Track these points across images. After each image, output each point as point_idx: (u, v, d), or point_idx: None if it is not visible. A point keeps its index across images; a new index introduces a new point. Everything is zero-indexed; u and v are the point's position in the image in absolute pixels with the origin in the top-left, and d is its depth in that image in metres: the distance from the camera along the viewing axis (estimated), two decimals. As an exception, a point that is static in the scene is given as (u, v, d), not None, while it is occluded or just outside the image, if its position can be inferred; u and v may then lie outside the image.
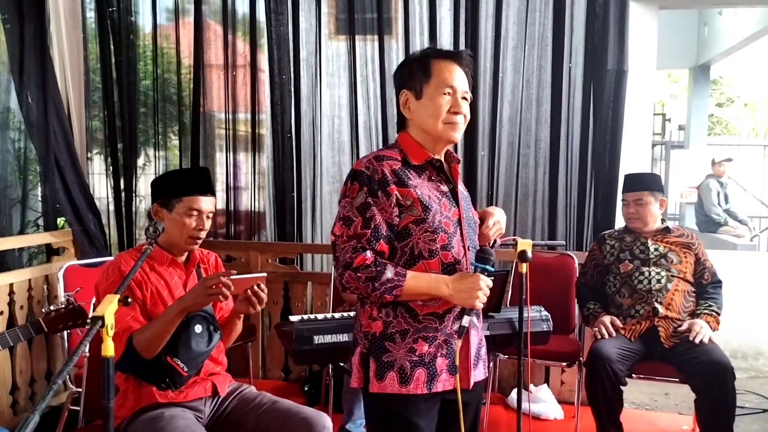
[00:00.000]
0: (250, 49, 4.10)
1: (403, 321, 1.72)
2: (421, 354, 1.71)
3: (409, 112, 1.78)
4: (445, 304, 1.73)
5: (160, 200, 2.19)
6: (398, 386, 1.70)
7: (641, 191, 3.15)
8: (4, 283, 3.35)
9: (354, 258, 1.65)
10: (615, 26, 3.60)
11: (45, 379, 3.59)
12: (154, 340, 1.99)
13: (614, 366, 2.83)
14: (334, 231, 1.72)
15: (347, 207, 1.70)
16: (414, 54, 1.83)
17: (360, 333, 1.78)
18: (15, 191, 3.78)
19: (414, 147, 1.77)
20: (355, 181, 1.70)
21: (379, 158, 1.72)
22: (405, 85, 1.78)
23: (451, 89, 1.73)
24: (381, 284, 1.64)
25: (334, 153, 4.22)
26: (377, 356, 1.73)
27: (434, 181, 1.78)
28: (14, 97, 3.71)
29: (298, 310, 3.92)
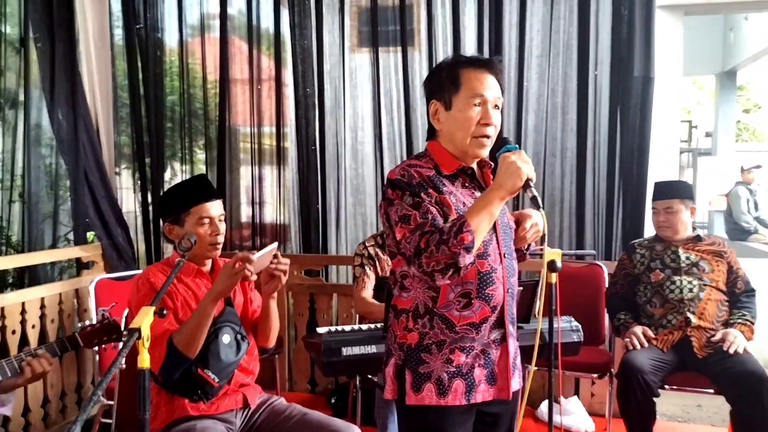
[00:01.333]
0: (274, 63, 4.14)
1: (440, 332, 1.69)
2: (458, 365, 1.69)
3: (438, 123, 1.77)
4: (482, 314, 1.69)
5: (170, 218, 2.21)
6: (436, 398, 1.68)
7: (672, 199, 3.11)
8: (35, 297, 3.41)
9: (420, 241, 1.60)
10: (641, 33, 3.56)
11: (75, 392, 3.63)
12: (194, 334, 2.00)
13: (647, 377, 2.78)
14: (396, 236, 1.67)
15: (399, 208, 1.67)
16: (443, 62, 1.80)
17: (394, 344, 1.75)
18: (46, 206, 3.83)
19: (444, 156, 1.76)
20: (396, 189, 1.69)
21: (410, 166, 1.72)
22: (434, 95, 1.76)
23: (481, 99, 1.70)
24: (448, 233, 1.57)
25: (358, 165, 4.23)
26: (413, 368, 1.70)
27: (468, 188, 1.77)
28: (45, 114, 3.78)
29: (323, 321, 3.92)
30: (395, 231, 1.67)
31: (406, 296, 1.73)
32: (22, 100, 3.70)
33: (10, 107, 3.84)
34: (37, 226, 3.71)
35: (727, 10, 6.41)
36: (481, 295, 1.69)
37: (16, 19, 3.78)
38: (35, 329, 3.38)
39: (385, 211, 1.72)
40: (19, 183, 3.78)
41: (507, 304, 1.75)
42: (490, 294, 1.70)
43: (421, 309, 1.71)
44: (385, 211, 1.72)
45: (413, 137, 3.97)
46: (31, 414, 3.32)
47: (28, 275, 3.67)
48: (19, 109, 3.73)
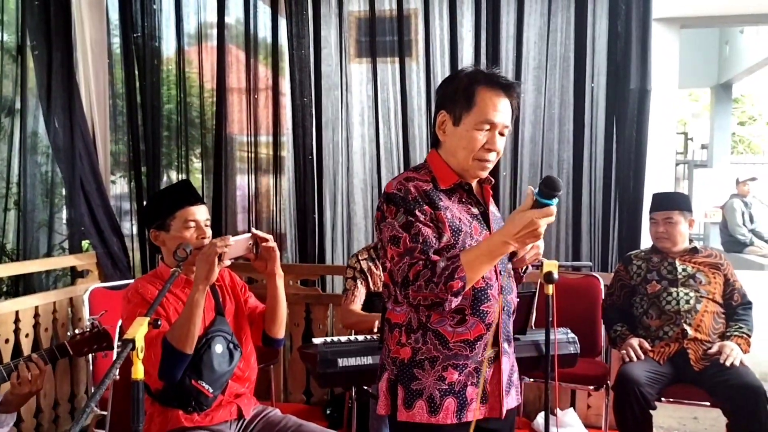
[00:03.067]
0: (271, 72, 4.14)
1: (433, 348, 1.67)
2: (450, 382, 1.67)
3: (443, 134, 1.73)
4: (476, 331, 1.67)
5: (155, 224, 2.19)
6: (427, 415, 1.66)
7: (671, 210, 3.11)
8: (29, 306, 3.39)
9: (409, 271, 1.58)
10: (637, 45, 3.58)
11: (69, 402, 3.60)
12: (187, 328, 1.98)
13: (643, 389, 2.78)
14: (388, 256, 1.65)
15: (390, 228, 1.65)
16: (462, 73, 1.74)
17: (388, 358, 1.73)
18: (41, 214, 3.82)
19: (443, 169, 1.73)
20: (390, 204, 1.66)
21: (408, 179, 1.70)
22: (445, 106, 1.72)
23: (490, 125, 1.67)
24: (439, 276, 1.55)
25: (355, 175, 4.22)
26: (405, 383, 1.68)
27: (465, 203, 1.74)
28: (41, 122, 3.77)
29: (319, 332, 3.90)
30: (387, 249, 1.66)
31: (400, 310, 1.71)
32: (19, 107, 3.69)
33: (6, 115, 3.83)
34: (32, 235, 3.70)
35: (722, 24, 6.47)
36: (476, 311, 1.67)
37: (14, 27, 3.78)
38: (29, 338, 3.35)
39: (378, 224, 1.71)
40: (14, 191, 3.76)
41: (502, 322, 1.73)
42: (485, 311, 1.68)
43: (414, 323, 1.69)
44: (378, 224, 1.71)
45: (410, 148, 3.97)
46: (24, 424, 3.29)
47: (23, 283, 3.64)
48: (15, 117, 3.72)
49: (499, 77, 1.70)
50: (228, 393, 2.18)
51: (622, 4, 3.61)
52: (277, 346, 2.37)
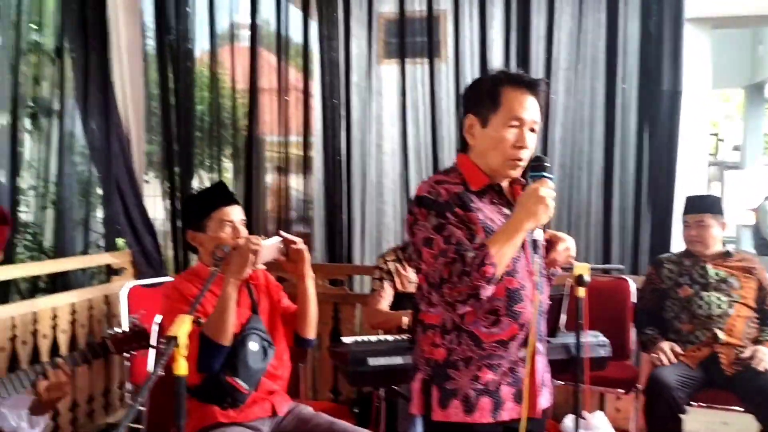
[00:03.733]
0: (302, 74, 4.19)
1: (467, 348, 1.68)
2: (485, 382, 1.68)
3: (472, 138, 1.74)
4: (510, 331, 1.68)
5: (192, 225, 2.24)
6: (463, 415, 1.67)
7: (703, 213, 3.08)
8: (66, 303, 3.47)
9: (443, 270, 1.59)
10: (669, 46, 3.55)
11: (103, 396, 3.68)
12: (222, 320, 2.04)
13: (674, 393, 2.76)
14: (423, 258, 1.66)
15: (423, 230, 1.66)
16: (486, 76, 1.76)
17: (421, 359, 1.74)
18: (77, 213, 3.90)
19: (473, 171, 1.74)
20: (421, 207, 1.67)
21: (439, 182, 1.71)
22: (472, 110, 1.73)
23: (519, 121, 1.67)
24: (470, 265, 1.56)
25: (384, 176, 4.25)
26: (440, 383, 1.69)
27: (496, 204, 1.75)
28: (78, 123, 3.86)
29: (347, 331, 3.93)
30: (422, 252, 1.66)
31: (434, 311, 1.72)
32: (57, 108, 3.78)
33: (45, 116, 3.92)
34: (68, 232, 3.78)
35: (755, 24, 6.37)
36: (510, 312, 1.68)
37: (52, 30, 3.87)
38: (66, 334, 3.44)
39: (410, 227, 1.71)
40: (52, 190, 3.86)
41: (535, 322, 1.73)
42: (519, 311, 1.69)
43: (448, 325, 1.69)
44: (410, 227, 1.71)
45: (439, 149, 3.98)
46: (61, 417, 3.37)
47: (60, 280, 3.73)
48: (53, 118, 3.82)
49: (522, 75, 1.71)
50: (261, 390, 2.22)
51: (653, 5, 3.58)
52: (308, 346, 2.42)
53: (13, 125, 3.47)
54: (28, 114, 3.91)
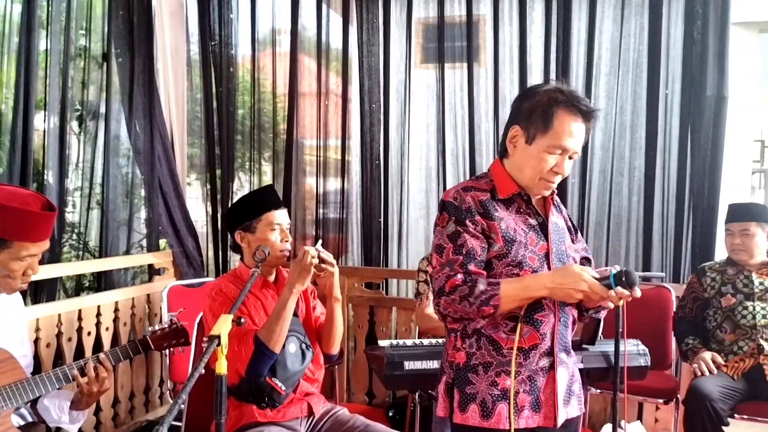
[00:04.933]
0: (341, 79, 4.22)
1: (487, 353, 1.69)
2: (503, 389, 1.68)
3: (513, 149, 1.74)
4: (530, 340, 1.68)
5: (241, 226, 2.28)
6: (479, 419, 1.68)
7: (748, 221, 3.02)
8: (110, 301, 3.56)
9: (446, 283, 1.64)
10: (714, 50, 3.47)
11: (143, 393, 3.76)
12: (277, 329, 2.08)
13: (716, 405, 2.71)
14: (433, 263, 1.72)
15: (438, 236, 1.71)
16: (542, 89, 1.72)
17: (446, 362, 1.78)
18: (122, 214, 4.00)
19: (504, 178, 1.75)
20: (443, 212, 1.72)
21: (466, 188, 1.73)
22: (520, 121, 1.72)
23: (563, 150, 1.67)
24: (476, 297, 1.61)
25: (421, 180, 4.26)
26: (461, 387, 1.72)
27: (522, 213, 1.75)
28: (123, 126, 3.95)
29: (382, 334, 3.95)
30: (432, 257, 1.73)
31: None
32: (103, 112, 3.88)
33: (91, 119, 4.03)
34: (112, 233, 3.88)
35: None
36: (529, 319, 1.68)
37: (99, 36, 3.98)
38: (109, 332, 3.52)
39: (434, 230, 1.76)
40: (97, 191, 3.96)
41: (558, 332, 1.72)
42: (539, 320, 1.69)
43: (469, 329, 1.71)
44: (434, 230, 1.76)
45: (476, 154, 3.97)
46: (102, 413, 3.46)
47: (103, 280, 3.83)
48: (99, 121, 3.91)
49: (581, 101, 1.68)
50: (299, 391, 2.25)
51: (698, 9, 3.51)
52: (329, 362, 2.45)
53: (61, 128, 3.57)
54: (76, 117, 4.02)
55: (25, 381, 1.99)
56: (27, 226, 1.94)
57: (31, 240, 1.97)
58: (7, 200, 1.92)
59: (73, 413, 2.12)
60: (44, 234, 2.01)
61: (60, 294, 3.72)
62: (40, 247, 2.02)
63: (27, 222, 1.94)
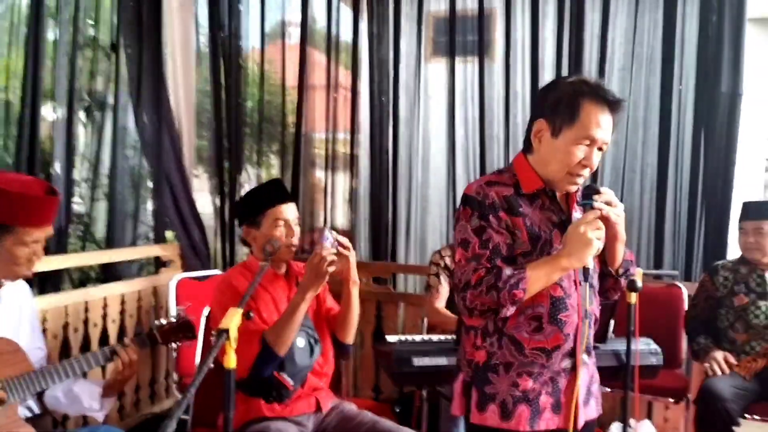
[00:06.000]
0: (351, 72, 4.19)
1: (508, 353, 1.66)
2: (524, 390, 1.65)
3: (538, 143, 1.69)
4: (555, 340, 1.65)
5: (247, 221, 2.26)
6: (499, 420, 1.65)
7: (762, 220, 2.97)
8: (116, 293, 3.55)
9: (472, 276, 1.59)
10: (729, 47, 3.42)
11: (149, 386, 3.75)
12: (286, 332, 2.06)
13: (728, 405, 2.67)
14: (456, 258, 1.68)
15: (462, 231, 1.66)
16: (566, 81, 1.69)
17: (464, 360, 1.74)
18: (129, 205, 3.98)
19: (528, 173, 1.70)
20: (466, 206, 1.67)
21: (490, 183, 1.68)
22: (545, 114, 1.66)
23: (591, 140, 1.62)
24: (504, 283, 1.55)
25: (430, 175, 4.23)
26: (479, 386, 1.69)
27: (546, 210, 1.70)
28: (131, 117, 3.93)
29: (390, 330, 3.92)
30: (456, 251, 1.68)
31: None
32: (111, 102, 3.86)
33: (99, 109, 4.01)
34: (119, 224, 3.86)
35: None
36: (554, 320, 1.65)
37: (108, 26, 3.96)
38: (115, 323, 3.51)
39: (455, 225, 1.72)
40: (104, 182, 3.95)
41: (581, 332, 1.69)
42: (563, 320, 1.65)
43: (490, 327, 1.68)
44: (455, 225, 1.72)
45: (487, 149, 3.92)
46: (108, 405, 3.44)
47: (110, 271, 3.81)
48: (107, 111, 3.90)
49: (606, 91, 1.64)
50: (307, 386, 2.23)
51: (714, 4, 3.45)
52: (344, 351, 2.42)
53: (68, 118, 3.56)
54: (83, 107, 4.00)
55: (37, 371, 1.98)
56: (30, 210, 1.93)
57: (35, 224, 1.96)
58: (10, 186, 1.91)
59: (103, 400, 2.12)
60: (48, 218, 2.00)
61: (66, 285, 3.71)
62: (44, 231, 2.01)
63: (30, 206, 1.93)
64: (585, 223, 1.56)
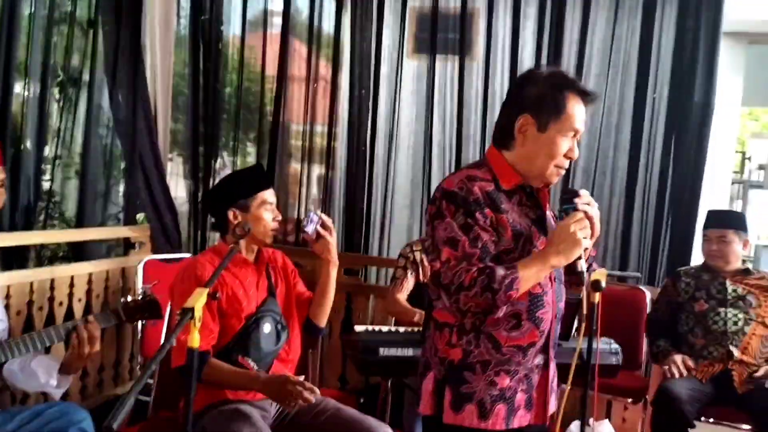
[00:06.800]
0: (331, 63, 4.19)
1: (485, 351, 1.63)
2: (502, 388, 1.64)
3: (522, 138, 1.65)
4: (530, 337, 1.65)
5: (234, 205, 2.24)
6: (477, 420, 1.63)
7: (726, 228, 3.04)
8: (83, 272, 3.50)
9: (465, 277, 1.54)
10: (704, 59, 3.50)
11: (113, 368, 3.71)
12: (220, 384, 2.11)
13: (684, 407, 2.73)
14: (442, 257, 1.59)
15: (448, 228, 1.59)
16: (545, 75, 1.68)
17: (434, 357, 1.68)
18: (99, 185, 3.93)
19: (506, 169, 1.67)
20: (449, 203, 1.60)
21: (471, 178, 1.62)
22: (529, 109, 1.64)
23: (575, 132, 1.65)
24: (499, 283, 1.52)
25: (407, 169, 4.24)
26: (454, 385, 1.64)
27: (524, 206, 1.69)
28: (105, 96, 3.88)
29: (359, 321, 3.93)
30: (441, 250, 1.59)
31: None
32: (86, 80, 3.81)
33: (73, 86, 3.95)
34: (90, 204, 3.82)
35: (792, 42, 6.25)
36: (532, 317, 1.65)
37: (86, 2, 3.90)
38: (81, 303, 3.47)
39: (431, 220, 1.64)
40: (77, 161, 3.89)
41: (553, 329, 1.72)
42: (541, 317, 1.66)
43: (467, 325, 1.63)
44: (431, 220, 1.64)
45: (463, 147, 3.95)
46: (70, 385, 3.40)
47: (78, 250, 3.77)
48: (82, 89, 3.84)
49: (583, 85, 1.69)
50: (271, 372, 2.23)
51: (690, 16, 3.53)
52: (316, 334, 2.44)
53: (41, 94, 3.50)
54: (57, 83, 3.94)
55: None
56: None
57: None
58: None
59: (60, 378, 2.09)
60: None
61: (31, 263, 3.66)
62: None
63: None
64: (574, 222, 1.58)
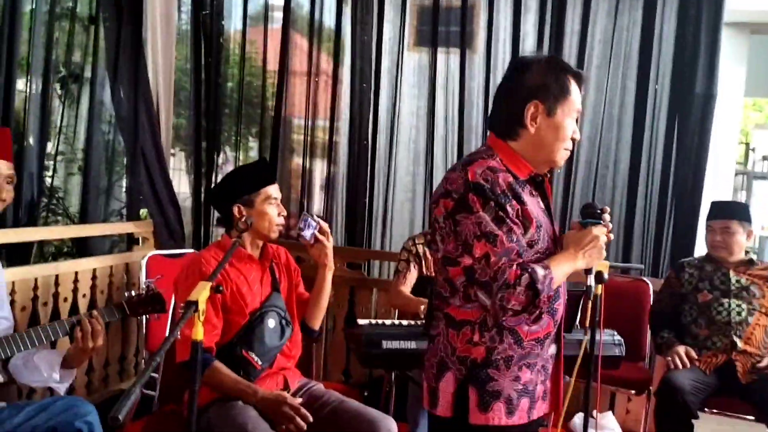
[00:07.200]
0: (332, 57, 4.18)
1: (508, 347, 1.60)
2: (525, 382, 1.63)
3: (534, 125, 1.64)
4: (547, 329, 1.66)
5: (240, 200, 2.25)
6: (505, 417, 1.60)
7: (729, 219, 3.04)
8: (88, 268, 3.51)
9: (509, 274, 1.49)
10: (705, 49, 3.49)
11: (118, 362, 3.73)
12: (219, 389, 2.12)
13: (687, 398, 2.74)
14: (475, 253, 1.53)
15: (482, 222, 1.53)
16: (543, 61, 1.69)
17: (452, 357, 1.62)
18: (102, 181, 3.94)
19: (516, 159, 1.65)
20: (476, 195, 1.54)
21: (492, 169, 1.58)
22: (538, 96, 1.63)
23: (578, 113, 1.68)
24: (542, 285, 1.51)
25: (409, 163, 4.24)
26: (479, 385, 1.60)
27: (534, 196, 1.69)
28: (107, 92, 3.88)
29: (362, 315, 3.94)
30: (472, 245, 1.52)
31: (471, 307, 1.60)
32: (88, 76, 3.81)
33: (74, 82, 3.95)
34: (93, 200, 3.82)
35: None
36: (550, 309, 1.64)
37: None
38: (86, 298, 3.48)
39: (451, 214, 1.56)
40: (79, 156, 3.90)
41: (563, 318, 1.74)
42: (557, 309, 1.67)
43: (489, 321, 1.59)
44: (451, 214, 1.56)
45: (465, 140, 3.95)
46: (75, 380, 3.41)
47: (82, 246, 3.78)
48: (84, 85, 3.84)
49: (578, 70, 1.74)
50: (275, 366, 2.25)
51: (692, 6, 3.52)
52: (311, 336, 2.45)
53: (44, 90, 3.50)
54: (58, 79, 3.94)
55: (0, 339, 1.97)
56: None
57: None
58: None
59: (63, 372, 2.10)
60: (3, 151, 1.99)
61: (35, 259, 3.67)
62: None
63: None
64: (604, 234, 1.69)
